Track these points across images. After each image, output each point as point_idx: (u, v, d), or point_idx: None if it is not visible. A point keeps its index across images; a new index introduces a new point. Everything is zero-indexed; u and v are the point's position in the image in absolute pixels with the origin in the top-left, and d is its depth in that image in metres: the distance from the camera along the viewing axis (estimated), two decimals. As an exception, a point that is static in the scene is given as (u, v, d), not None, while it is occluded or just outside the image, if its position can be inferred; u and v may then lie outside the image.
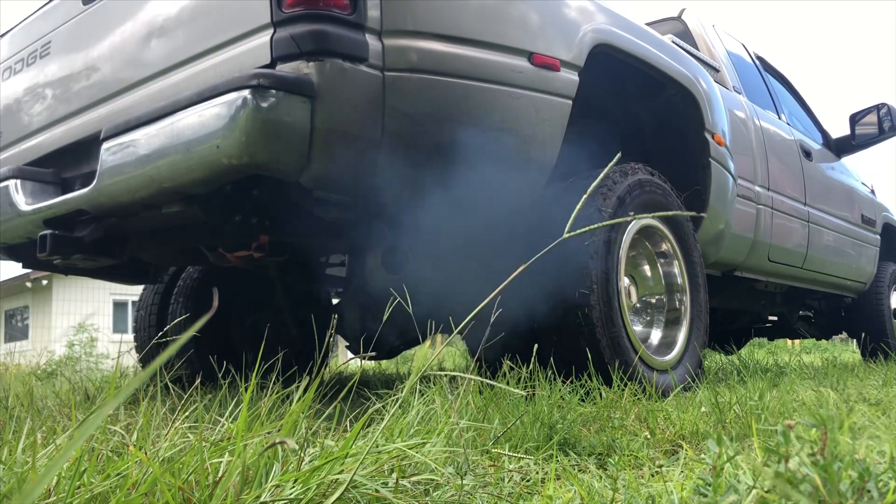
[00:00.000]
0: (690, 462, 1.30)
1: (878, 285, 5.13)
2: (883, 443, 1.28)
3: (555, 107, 2.31)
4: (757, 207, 3.63)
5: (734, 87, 3.84)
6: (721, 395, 1.89)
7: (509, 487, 1.16)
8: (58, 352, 10.63)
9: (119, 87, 2.28)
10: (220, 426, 1.21)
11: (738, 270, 3.69)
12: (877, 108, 4.78)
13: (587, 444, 1.47)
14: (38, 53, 2.65)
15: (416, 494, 1.04)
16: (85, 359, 9.71)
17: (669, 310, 2.72)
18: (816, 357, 6.31)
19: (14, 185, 2.46)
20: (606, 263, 2.31)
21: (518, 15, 2.23)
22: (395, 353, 3.30)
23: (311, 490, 0.90)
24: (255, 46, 1.88)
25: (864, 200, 5.10)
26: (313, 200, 2.05)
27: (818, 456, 0.78)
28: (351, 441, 1.00)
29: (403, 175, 2.01)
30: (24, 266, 2.96)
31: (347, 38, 1.82)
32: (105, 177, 2.10)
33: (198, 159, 1.85)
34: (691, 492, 0.92)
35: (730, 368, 4.08)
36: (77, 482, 0.88)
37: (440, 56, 2.00)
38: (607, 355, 2.23)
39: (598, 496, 1.09)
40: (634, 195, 2.51)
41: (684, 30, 3.96)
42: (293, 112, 1.76)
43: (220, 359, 2.79)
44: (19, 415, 1.60)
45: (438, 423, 1.33)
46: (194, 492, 0.89)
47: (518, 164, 2.23)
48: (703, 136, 3.00)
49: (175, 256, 2.88)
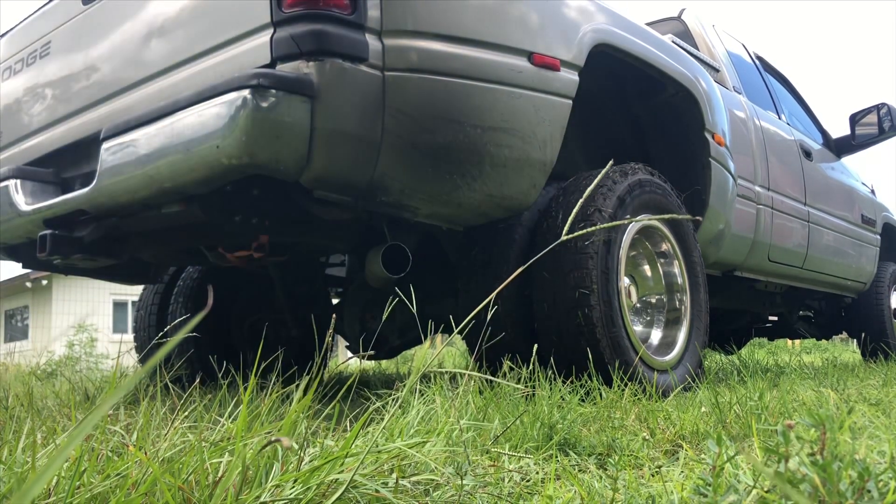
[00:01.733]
0: (690, 462, 1.30)
1: (878, 285, 5.13)
2: (883, 443, 1.28)
3: (555, 107, 2.31)
4: (757, 207, 3.63)
5: (734, 87, 3.84)
6: (721, 395, 1.89)
7: (509, 487, 1.16)
8: (58, 352, 10.63)
9: (119, 86, 2.28)
10: (219, 426, 1.21)
11: (738, 270, 3.69)
12: (877, 108, 4.78)
13: (587, 444, 1.47)
14: (38, 53, 2.65)
15: (416, 494, 1.04)
16: (85, 359, 9.71)
17: (669, 310, 2.72)
18: (816, 357, 6.31)
19: (14, 184, 2.46)
20: (606, 263, 2.31)
21: (518, 15, 2.23)
22: (395, 352, 3.31)
23: (311, 490, 0.90)
24: (255, 46, 1.88)
25: (864, 200, 5.10)
26: (313, 200, 2.05)
27: (817, 456, 0.78)
28: (351, 441, 1.00)
29: (403, 174, 2.01)
30: (24, 266, 2.95)
31: (347, 38, 1.82)
32: (105, 177, 2.09)
33: (198, 159, 1.85)
34: (691, 492, 0.92)
35: (730, 368, 4.08)
36: (77, 482, 0.88)
37: (440, 56, 2.00)
38: (607, 355, 2.23)
39: (598, 496, 1.09)
40: (634, 195, 2.51)
41: (684, 30, 3.96)
42: (293, 112, 1.76)
43: (220, 359, 2.79)
44: (19, 415, 1.60)
45: (438, 423, 1.33)
46: (194, 492, 0.89)
47: (518, 164, 2.23)
48: (703, 136, 3.00)
49: (175, 256, 2.88)
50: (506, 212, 2.35)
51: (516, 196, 2.30)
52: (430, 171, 2.06)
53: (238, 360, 3.19)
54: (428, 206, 2.18)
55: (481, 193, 2.18)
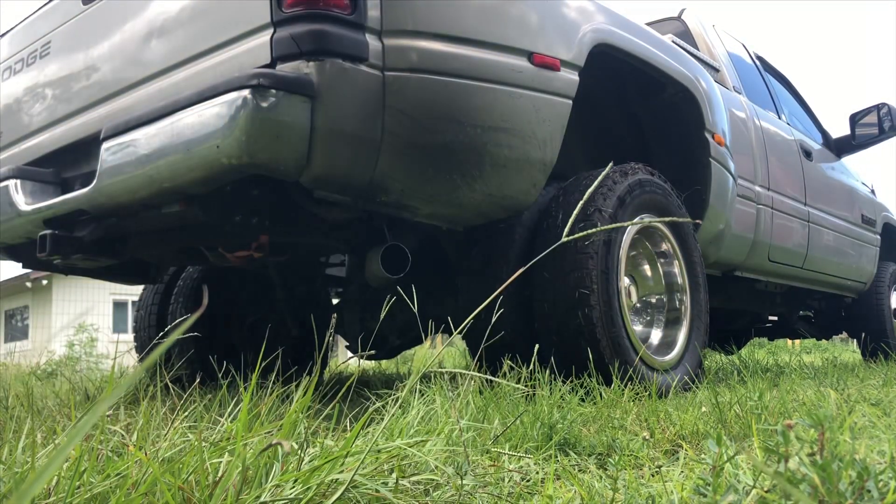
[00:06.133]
0: (690, 462, 1.30)
1: (878, 285, 5.13)
2: (883, 443, 1.28)
3: (555, 106, 2.31)
4: (757, 207, 3.63)
5: (734, 86, 3.84)
6: (721, 395, 1.89)
7: (509, 487, 1.16)
8: (58, 352, 10.63)
9: (119, 86, 2.28)
10: (219, 426, 1.21)
11: (738, 270, 3.69)
12: (877, 108, 4.78)
13: (587, 444, 1.47)
14: (38, 53, 2.65)
15: (416, 494, 1.04)
16: (85, 359, 9.71)
17: (669, 310, 2.72)
18: (816, 357, 6.31)
19: (14, 184, 2.46)
20: (606, 263, 2.31)
21: (518, 15, 2.23)
22: (395, 352, 3.31)
23: (311, 490, 0.90)
24: (255, 46, 1.88)
25: (864, 200, 5.10)
26: (313, 200, 2.05)
27: (817, 456, 0.78)
28: (351, 441, 1.00)
29: (403, 174, 2.01)
30: (24, 266, 2.96)
31: (348, 38, 1.82)
32: (105, 177, 2.09)
33: (198, 159, 1.85)
34: (691, 492, 0.92)
35: (730, 368, 4.08)
36: (77, 482, 0.88)
37: (440, 56, 2.00)
38: (607, 355, 2.23)
39: (598, 496, 1.09)
40: (634, 195, 2.51)
41: (684, 30, 3.96)
42: (293, 112, 1.76)
43: (220, 359, 2.79)
44: (19, 415, 1.60)
45: (438, 423, 1.33)
46: (194, 492, 0.89)
47: (518, 164, 2.23)
48: (703, 136, 3.00)
49: (175, 256, 2.88)
50: (506, 212, 2.35)
51: (516, 196, 2.30)
52: (431, 172, 2.06)
53: (238, 361, 3.19)
54: (428, 207, 2.18)
55: (481, 193, 2.18)
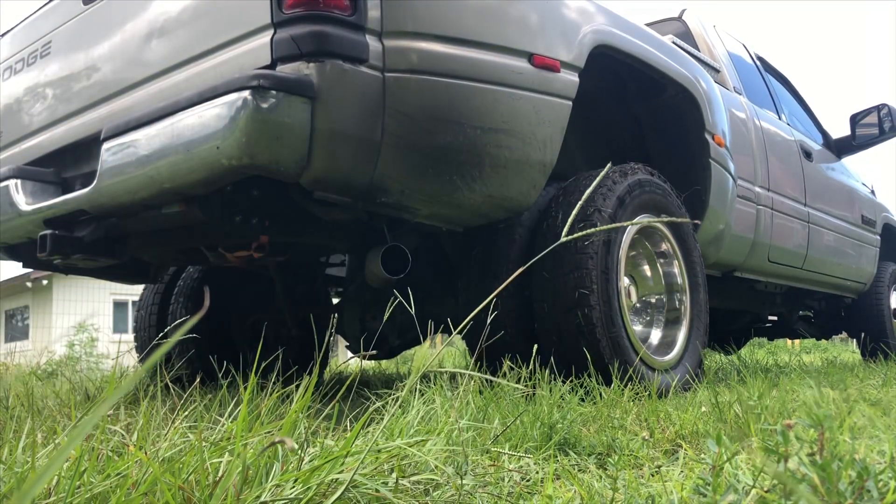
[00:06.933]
0: (690, 462, 1.31)
1: (878, 285, 5.13)
2: (883, 443, 1.29)
3: (555, 108, 2.31)
4: (757, 208, 3.63)
5: (734, 87, 3.84)
6: (721, 395, 1.89)
7: (509, 487, 1.16)
8: (58, 352, 10.63)
9: (119, 87, 2.28)
10: (220, 426, 1.21)
11: (738, 271, 3.69)
12: (877, 108, 4.79)
13: (587, 443, 1.47)
14: (39, 53, 2.65)
15: (415, 494, 1.05)
16: (85, 359, 9.71)
17: (669, 310, 2.72)
18: (816, 357, 6.31)
19: (14, 184, 2.46)
20: (606, 263, 2.31)
21: (518, 16, 2.23)
22: (395, 352, 3.31)
23: (311, 490, 0.90)
24: (255, 47, 1.88)
25: (864, 201, 5.10)
26: (313, 201, 2.05)
27: (817, 456, 0.78)
28: (351, 441, 1.00)
29: (403, 175, 2.01)
30: (25, 266, 2.96)
31: (348, 39, 1.83)
32: (105, 177, 2.10)
33: (198, 160, 1.85)
34: (691, 491, 0.92)
35: (730, 368, 4.08)
36: (77, 482, 0.88)
37: (440, 57, 2.00)
38: (607, 355, 2.23)
39: (598, 496, 1.09)
40: (634, 195, 2.51)
41: (685, 30, 3.96)
42: (293, 113, 1.76)
43: (220, 358, 2.79)
44: (19, 415, 1.60)
45: (438, 423, 1.33)
46: (194, 491, 0.89)
47: (518, 165, 2.23)
48: (703, 137, 3.00)
49: (175, 256, 2.88)
50: (506, 212, 2.35)
51: (516, 197, 2.30)
52: (431, 172, 2.06)
53: (238, 360, 3.19)
54: (428, 207, 2.18)
55: (481, 194, 2.18)
